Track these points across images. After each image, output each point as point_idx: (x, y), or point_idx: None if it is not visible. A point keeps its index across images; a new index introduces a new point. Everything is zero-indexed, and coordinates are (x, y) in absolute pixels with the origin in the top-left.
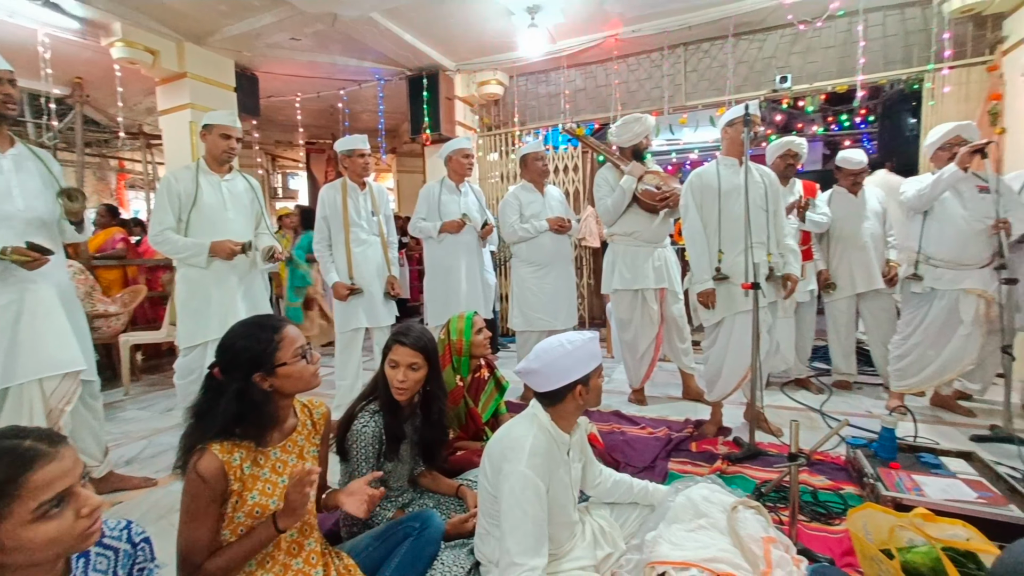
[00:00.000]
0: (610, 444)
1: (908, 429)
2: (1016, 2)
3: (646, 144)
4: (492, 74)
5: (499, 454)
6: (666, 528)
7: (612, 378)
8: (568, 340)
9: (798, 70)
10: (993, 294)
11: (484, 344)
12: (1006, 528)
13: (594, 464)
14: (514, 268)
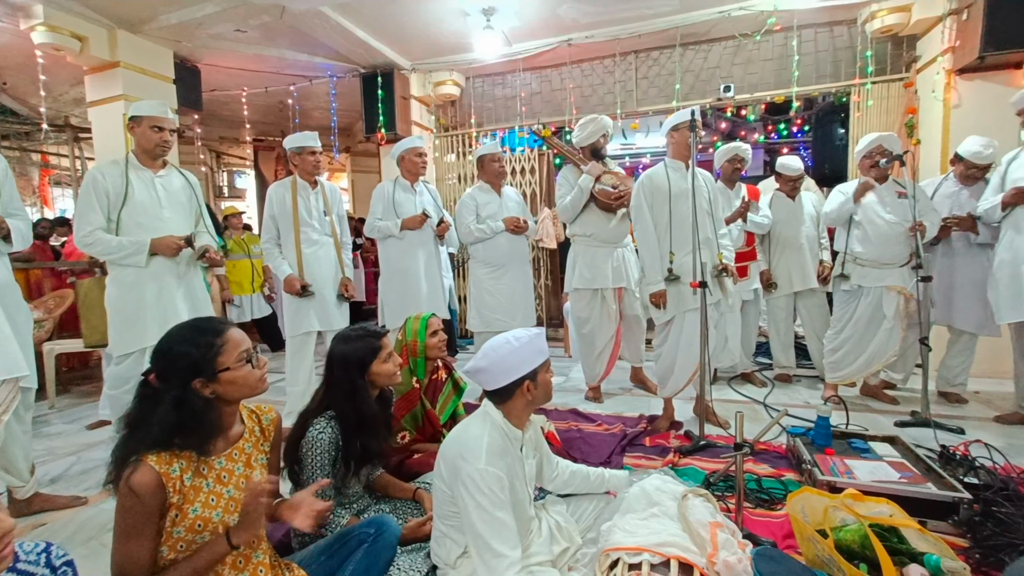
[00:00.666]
0: (567, 442)
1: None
2: (927, 25)
3: (603, 144)
4: (448, 74)
5: (455, 455)
6: (620, 518)
7: (570, 377)
8: (515, 337)
9: (740, 80)
10: (911, 291)
11: (439, 346)
12: (924, 504)
13: (550, 458)
14: (471, 269)
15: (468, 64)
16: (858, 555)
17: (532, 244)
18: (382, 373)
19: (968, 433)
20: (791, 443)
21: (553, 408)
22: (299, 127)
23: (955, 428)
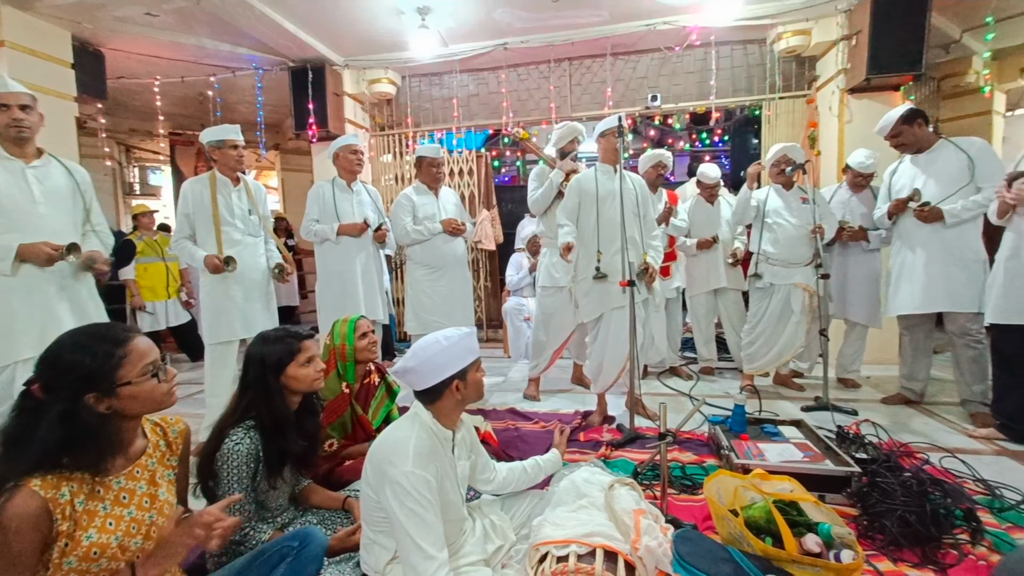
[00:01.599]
0: (505, 441)
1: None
2: (825, 48)
3: (573, 148)
4: (384, 72)
5: (382, 458)
6: (551, 512)
7: (508, 377)
8: (444, 336)
9: (666, 91)
10: (814, 287)
11: (369, 349)
12: (823, 479)
13: (487, 462)
14: (409, 271)
15: (404, 63)
16: (764, 529)
17: (470, 246)
18: (299, 377)
19: (861, 414)
20: (712, 431)
21: (491, 408)
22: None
23: (850, 410)
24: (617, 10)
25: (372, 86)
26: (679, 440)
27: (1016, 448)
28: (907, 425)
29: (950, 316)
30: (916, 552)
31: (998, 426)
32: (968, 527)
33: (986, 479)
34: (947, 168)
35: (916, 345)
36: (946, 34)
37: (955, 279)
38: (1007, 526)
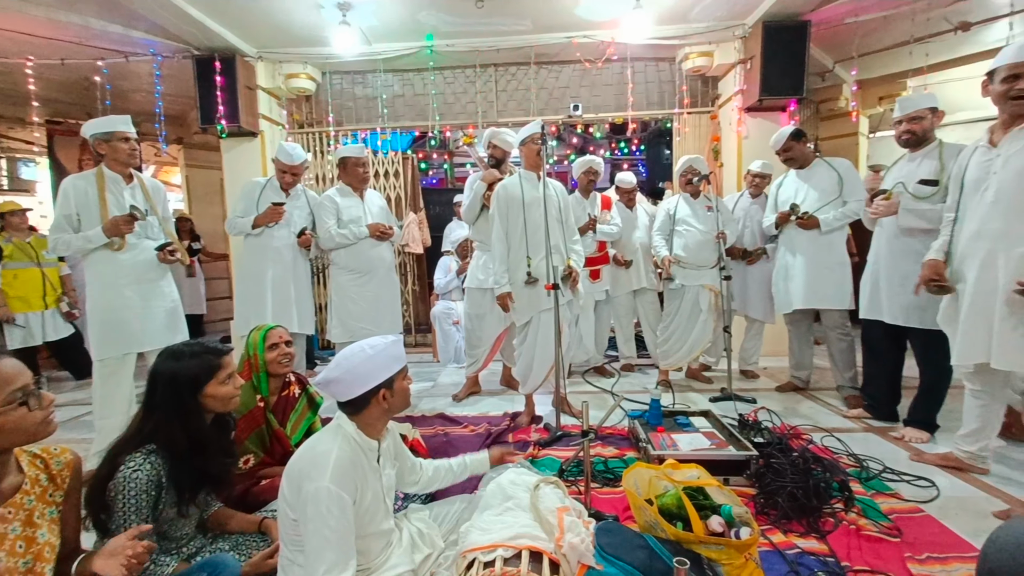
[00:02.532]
0: (434, 448)
1: (673, 399)
2: (725, 69)
3: (500, 155)
4: (302, 67)
5: (300, 473)
6: (478, 516)
7: (438, 382)
8: (369, 345)
9: (587, 101)
10: (718, 288)
11: (280, 361)
12: (727, 463)
13: (412, 464)
14: (333, 276)
15: (324, 58)
16: (676, 515)
17: (398, 249)
18: (218, 396)
19: (759, 402)
20: (631, 425)
21: (420, 415)
22: (112, 110)
23: (750, 399)
24: (540, 21)
25: (289, 81)
26: (602, 436)
27: (880, 425)
28: (796, 410)
29: (825, 312)
30: (802, 523)
31: (866, 407)
32: (842, 497)
33: (856, 453)
34: (822, 183)
35: (800, 338)
36: (822, 64)
37: (828, 280)
38: (872, 493)
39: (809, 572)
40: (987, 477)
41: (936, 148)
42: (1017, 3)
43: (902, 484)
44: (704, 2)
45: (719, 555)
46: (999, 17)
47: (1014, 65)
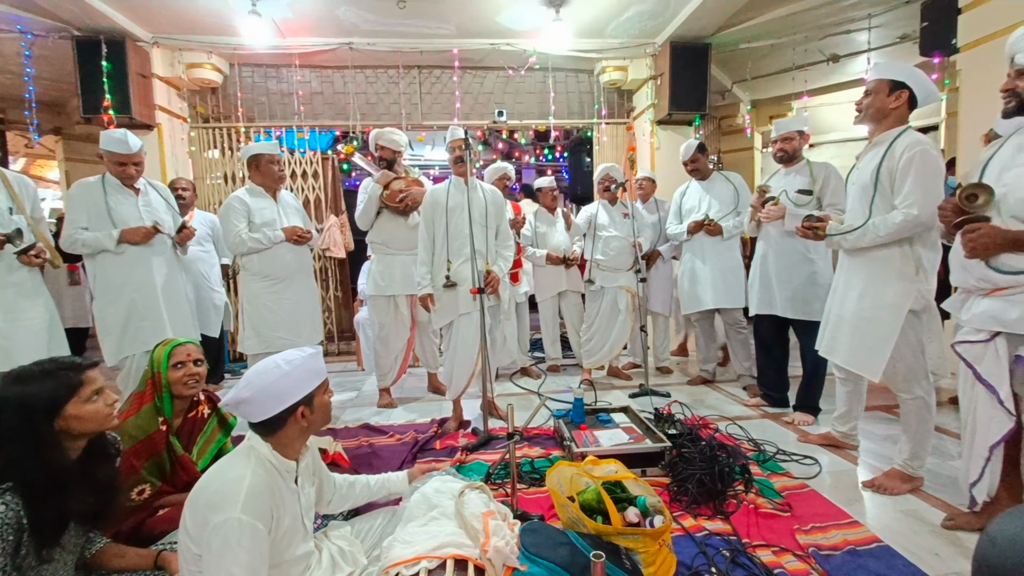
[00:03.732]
0: (357, 459)
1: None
2: (639, 84)
3: (389, 156)
4: (207, 57)
5: (207, 504)
6: (402, 529)
7: (363, 391)
8: (285, 360)
9: (511, 107)
10: (635, 289)
11: (184, 383)
12: (644, 456)
13: (329, 480)
14: (244, 283)
15: (232, 49)
16: (596, 510)
17: (318, 254)
18: (84, 416)
19: (672, 396)
20: (556, 424)
21: (343, 427)
22: None
23: (665, 393)
24: (463, 26)
25: (192, 71)
26: (528, 437)
27: (775, 411)
28: (704, 401)
29: (724, 311)
30: (710, 506)
31: (762, 395)
32: (743, 479)
33: (755, 439)
34: (721, 194)
35: (705, 335)
36: (722, 83)
37: (730, 282)
38: (768, 473)
39: (715, 551)
40: (857, 452)
41: (807, 165)
42: (874, 41)
43: (792, 464)
44: (619, 20)
45: (636, 544)
46: (859, 52)
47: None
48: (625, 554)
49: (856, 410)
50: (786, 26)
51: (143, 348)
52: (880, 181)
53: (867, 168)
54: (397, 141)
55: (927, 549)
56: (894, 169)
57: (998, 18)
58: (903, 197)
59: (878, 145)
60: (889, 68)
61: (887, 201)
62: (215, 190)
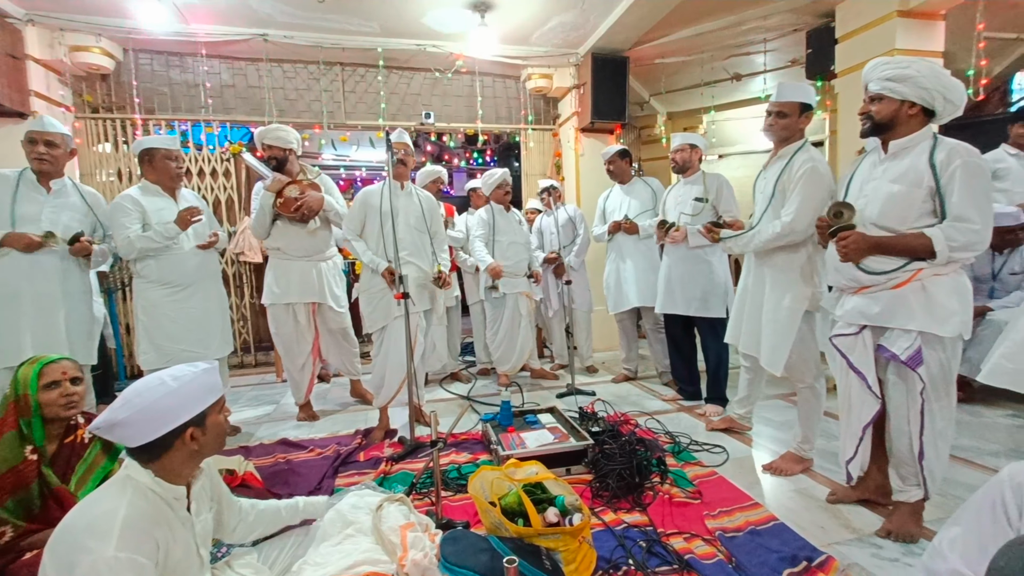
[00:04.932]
0: (272, 478)
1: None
2: (563, 92)
3: (279, 155)
4: (94, 40)
5: (72, 545)
6: (314, 550)
7: (281, 404)
8: (172, 376)
9: (439, 110)
10: (533, 293)
11: (59, 404)
12: (569, 455)
13: (232, 504)
14: (140, 291)
15: (125, 32)
16: (518, 512)
17: (231, 258)
18: None
19: (597, 394)
20: (484, 428)
21: (257, 444)
22: None
23: (590, 392)
24: (388, 25)
25: (76, 54)
26: (456, 443)
27: (689, 404)
28: (627, 398)
29: (644, 310)
30: (629, 499)
31: (678, 390)
32: (659, 471)
33: (671, 431)
34: (640, 195)
35: (627, 334)
36: (640, 95)
37: (648, 281)
38: (682, 464)
39: (632, 543)
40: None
41: (701, 175)
42: (769, 63)
43: (703, 453)
44: (543, 29)
45: (557, 544)
46: (758, 72)
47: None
48: (546, 554)
49: (754, 395)
50: (694, 45)
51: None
52: (776, 192)
53: (771, 178)
54: (285, 138)
55: (815, 523)
56: (788, 181)
57: (867, 48)
58: (787, 207)
59: (781, 158)
60: (799, 90)
61: (778, 211)
62: (107, 188)
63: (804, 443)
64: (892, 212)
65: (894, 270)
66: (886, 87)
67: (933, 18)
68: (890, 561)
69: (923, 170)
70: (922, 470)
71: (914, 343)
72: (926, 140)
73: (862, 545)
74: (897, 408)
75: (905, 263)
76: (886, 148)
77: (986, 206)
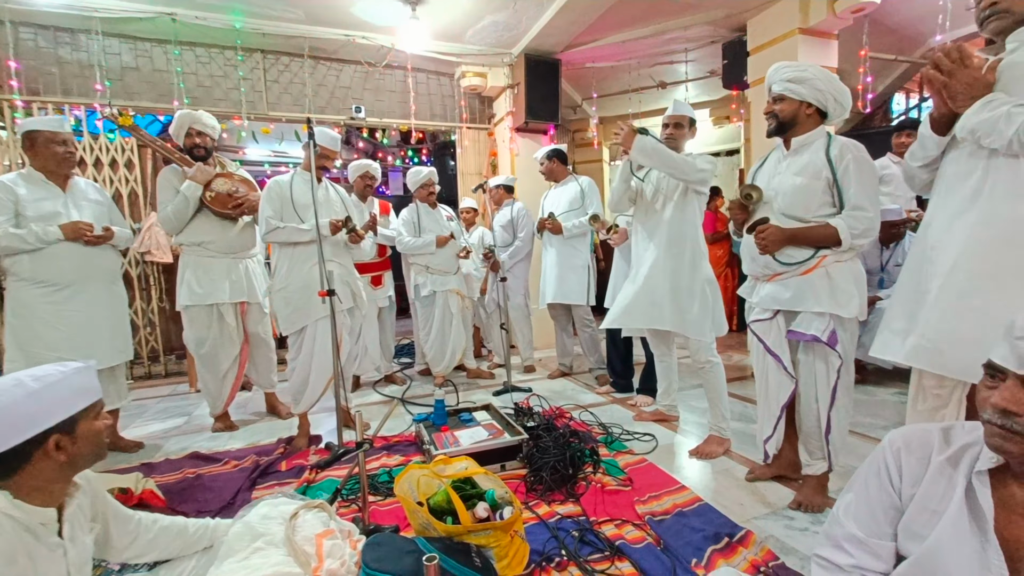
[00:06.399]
0: (179, 496)
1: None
2: (498, 91)
3: (200, 143)
4: None
5: None
6: (216, 569)
7: (193, 416)
8: (33, 376)
9: (371, 105)
10: (464, 292)
11: None
12: (504, 450)
13: (123, 520)
14: (12, 291)
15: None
16: (447, 511)
17: (135, 257)
18: None
19: (534, 390)
20: (417, 429)
21: (163, 459)
22: None
23: (527, 388)
24: (314, 13)
25: None
26: (388, 446)
27: (622, 396)
28: (563, 393)
29: (574, 307)
30: (563, 491)
31: (611, 383)
32: (592, 461)
33: (604, 423)
34: (569, 195)
35: (561, 330)
36: (573, 99)
37: (572, 279)
38: (614, 453)
39: (565, 534)
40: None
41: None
42: (691, 73)
43: (634, 441)
44: (476, 27)
45: (488, 540)
46: (681, 81)
47: (668, 117)
48: (475, 552)
49: (673, 383)
50: (622, 51)
51: None
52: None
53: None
54: (215, 127)
55: (735, 501)
56: None
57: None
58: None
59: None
60: (687, 107)
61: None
62: None
63: (721, 421)
64: (798, 202)
65: (805, 260)
66: (787, 88)
67: (828, 36)
68: (800, 531)
69: (821, 164)
70: (828, 444)
71: (829, 324)
72: (821, 137)
73: (777, 518)
74: (807, 387)
75: (814, 252)
76: (788, 145)
77: (875, 196)
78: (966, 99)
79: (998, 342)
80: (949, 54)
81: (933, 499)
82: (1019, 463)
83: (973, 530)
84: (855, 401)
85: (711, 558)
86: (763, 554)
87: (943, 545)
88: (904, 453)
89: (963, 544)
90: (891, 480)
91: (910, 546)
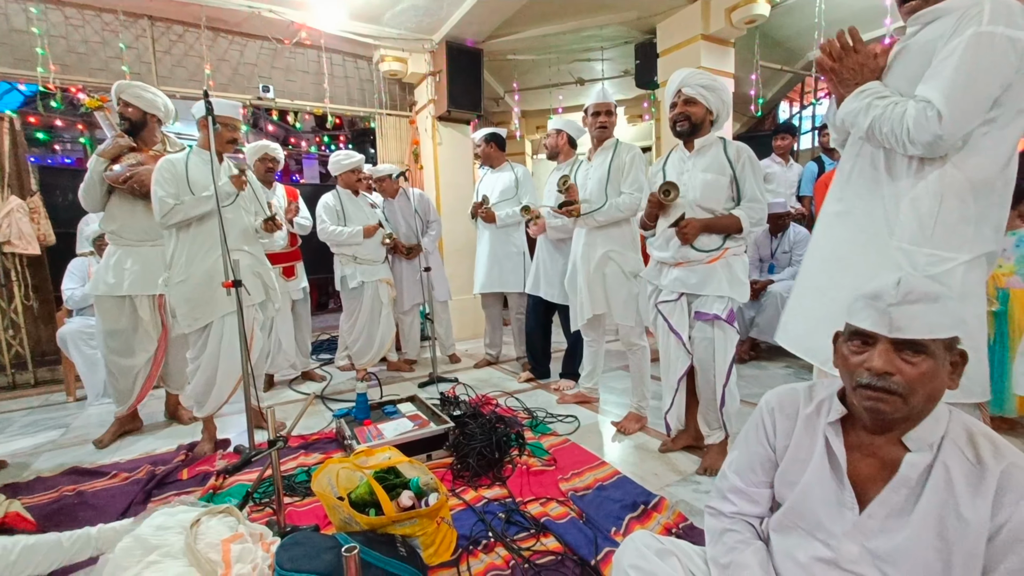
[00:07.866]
0: (55, 517)
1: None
2: (419, 78)
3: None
4: None
5: None
6: None
7: (71, 427)
8: None
9: (281, 85)
10: (392, 280)
11: None
12: (430, 440)
13: None
14: None
15: None
16: (370, 503)
17: None
18: None
19: (460, 380)
20: (337, 425)
21: (35, 478)
22: None
23: (452, 378)
24: None
25: None
26: (306, 444)
27: (545, 381)
28: (489, 381)
29: (509, 296)
30: (490, 475)
31: (531, 369)
32: (518, 445)
33: (528, 407)
34: (504, 183)
35: (492, 319)
36: (495, 91)
37: (506, 268)
38: (539, 436)
39: (492, 516)
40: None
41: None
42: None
43: (558, 423)
44: (395, 10)
45: (414, 529)
46: (598, 79)
47: (598, 105)
48: (400, 542)
49: (599, 367)
50: (542, 45)
51: None
52: (612, 174)
53: (602, 166)
54: (148, 100)
55: (650, 472)
56: (622, 165)
57: (681, 64)
58: (630, 184)
59: (605, 150)
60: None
61: (617, 188)
62: None
63: (641, 400)
64: (710, 195)
65: (715, 249)
66: (700, 93)
67: (726, 44)
68: (705, 493)
69: (723, 162)
70: (722, 416)
71: (728, 305)
72: (718, 140)
73: (686, 484)
74: (705, 363)
75: (723, 242)
76: (690, 146)
77: (764, 190)
78: (851, 85)
79: (858, 311)
80: (839, 39)
81: (801, 449)
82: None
83: (831, 474)
84: (750, 376)
85: (629, 525)
86: (675, 517)
87: (809, 489)
88: (777, 412)
89: (824, 486)
90: (767, 436)
91: (785, 492)
